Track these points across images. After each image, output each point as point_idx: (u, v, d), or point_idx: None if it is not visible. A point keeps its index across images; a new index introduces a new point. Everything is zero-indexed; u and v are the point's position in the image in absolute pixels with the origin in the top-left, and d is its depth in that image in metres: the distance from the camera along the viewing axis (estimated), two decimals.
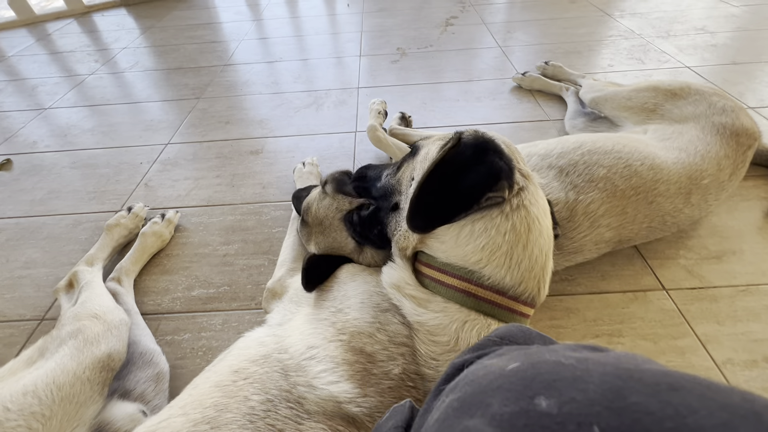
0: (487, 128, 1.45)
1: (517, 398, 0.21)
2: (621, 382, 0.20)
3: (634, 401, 0.19)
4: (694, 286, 0.90)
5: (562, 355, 0.23)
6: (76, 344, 0.69)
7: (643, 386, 0.19)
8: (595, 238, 0.82)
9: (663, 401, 0.18)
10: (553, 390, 0.20)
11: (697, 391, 0.19)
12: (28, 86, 1.99)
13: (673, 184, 0.85)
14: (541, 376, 0.22)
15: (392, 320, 0.58)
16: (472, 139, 0.57)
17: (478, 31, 2.24)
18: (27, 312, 0.96)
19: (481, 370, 0.25)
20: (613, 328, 0.84)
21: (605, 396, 0.19)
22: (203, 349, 0.86)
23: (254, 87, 1.85)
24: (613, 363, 0.22)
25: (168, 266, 1.04)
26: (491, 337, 0.32)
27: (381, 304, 0.60)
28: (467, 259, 0.56)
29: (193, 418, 0.53)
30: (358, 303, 0.61)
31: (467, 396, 0.24)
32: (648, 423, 0.18)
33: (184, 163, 1.40)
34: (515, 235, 0.54)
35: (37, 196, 1.30)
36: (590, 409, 0.19)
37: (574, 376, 0.21)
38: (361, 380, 0.52)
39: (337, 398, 0.51)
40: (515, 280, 0.55)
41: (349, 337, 0.56)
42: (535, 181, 0.60)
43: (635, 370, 0.21)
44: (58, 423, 0.57)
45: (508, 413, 0.20)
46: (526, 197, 0.56)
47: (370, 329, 0.57)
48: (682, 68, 1.74)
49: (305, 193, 1.01)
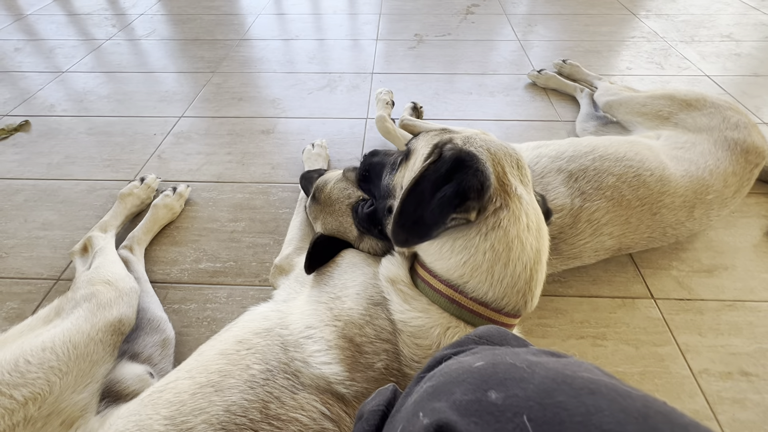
0: (497, 125, 1.46)
1: (474, 390, 0.27)
2: (555, 385, 0.25)
3: (559, 400, 0.24)
4: (682, 297, 0.93)
5: (520, 359, 0.28)
6: (90, 307, 0.74)
7: (570, 389, 0.25)
8: (596, 245, 0.85)
9: (580, 402, 0.24)
10: (503, 386, 0.26)
11: (609, 396, 0.24)
12: (46, 47, 2.01)
13: (679, 197, 0.87)
14: (497, 375, 0.27)
15: (380, 315, 0.60)
16: (452, 153, 0.57)
17: (498, 21, 2.21)
18: (44, 271, 1.01)
19: (454, 364, 0.30)
20: (598, 331, 0.87)
21: (539, 394, 0.25)
22: (208, 320, 0.91)
23: (269, 64, 1.85)
24: (556, 369, 0.27)
25: (177, 238, 1.09)
26: (471, 336, 0.36)
27: (374, 297, 0.62)
28: (451, 272, 0.57)
29: (198, 381, 0.58)
30: (354, 293, 0.64)
31: (439, 384, 0.29)
32: (563, 416, 0.23)
33: (196, 137, 1.43)
34: (494, 254, 0.54)
35: (54, 160, 1.34)
36: (525, 403, 0.24)
37: (522, 377, 0.26)
38: (350, 366, 0.56)
39: (328, 378, 0.55)
40: (498, 295, 0.55)
41: (343, 325, 0.60)
42: (522, 194, 0.57)
43: (570, 376, 0.26)
44: (73, 378, 0.62)
45: (465, 400, 0.26)
46: (505, 217, 0.55)
47: (360, 321, 0.59)
48: (702, 76, 1.71)
49: (316, 175, 1.04)
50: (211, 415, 0.53)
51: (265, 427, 0.52)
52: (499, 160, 0.58)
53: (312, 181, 1.02)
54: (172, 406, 0.55)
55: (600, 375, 0.27)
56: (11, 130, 1.46)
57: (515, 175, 0.59)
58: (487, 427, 0.23)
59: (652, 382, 0.80)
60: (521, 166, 0.61)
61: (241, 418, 0.53)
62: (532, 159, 0.91)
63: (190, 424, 0.53)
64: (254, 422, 0.52)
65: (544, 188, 0.85)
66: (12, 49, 1.99)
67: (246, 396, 0.54)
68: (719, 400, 0.77)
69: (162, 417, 0.54)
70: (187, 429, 0.52)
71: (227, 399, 0.54)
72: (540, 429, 0.22)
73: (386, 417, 0.33)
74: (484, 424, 0.24)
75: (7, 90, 1.69)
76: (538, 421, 0.23)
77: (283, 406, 0.54)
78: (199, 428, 0.52)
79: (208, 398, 0.55)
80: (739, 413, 0.75)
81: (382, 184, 0.71)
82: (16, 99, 1.63)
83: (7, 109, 1.57)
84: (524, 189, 0.59)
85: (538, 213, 0.60)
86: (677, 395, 0.78)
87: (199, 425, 0.52)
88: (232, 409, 0.53)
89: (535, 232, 0.57)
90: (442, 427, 0.24)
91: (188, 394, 0.56)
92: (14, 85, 1.73)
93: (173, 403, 0.56)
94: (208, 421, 0.53)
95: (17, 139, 1.43)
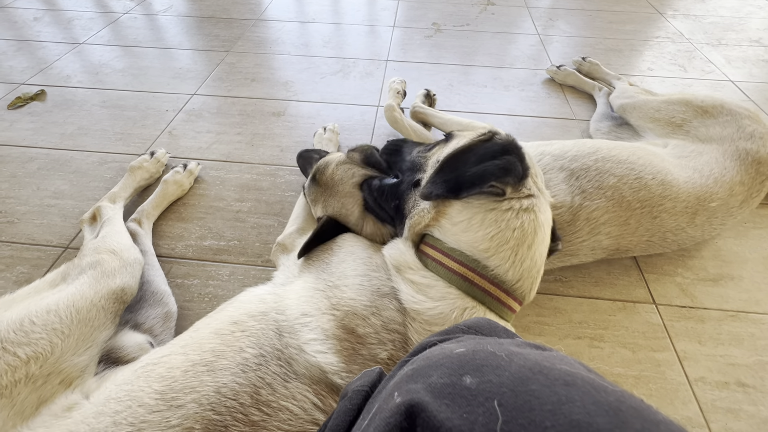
0: (510, 119, 1.44)
1: (450, 374, 0.27)
2: (530, 374, 0.25)
3: (531, 388, 0.24)
4: (685, 304, 0.92)
5: (501, 348, 0.28)
6: (95, 275, 0.76)
7: (545, 379, 0.25)
8: (593, 244, 0.84)
9: (553, 391, 0.24)
10: (479, 372, 0.26)
11: (584, 389, 0.24)
12: (64, 18, 2.02)
13: (680, 203, 0.85)
14: (474, 361, 0.27)
15: (389, 306, 0.60)
16: (504, 140, 0.63)
17: (519, 14, 2.16)
18: (54, 239, 1.03)
19: (437, 350, 0.30)
20: (596, 333, 0.87)
21: (513, 381, 0.25)
22: (209, 296, 0.93)
23: (283, 46, 1.84)
24: (535, 360, 0.27)
25: (184, 214, 1.10)
26: (460, 325, 0.36)
27: (381, 289, 0.62)
28: (476, 245, 0.59)
29: (191, 359, 0.58)
30: (356, 284, 0.63)
31: (418, 368, 0.30)
32: (534, 404, 0.23)
33: (207, 116, 1.44)
34: (522, 233, 0.58)
35: (67, 130, 1.36)
36: (498, 389, 0.24)
37: (499, 364, 0.27)
38: (347, 357, 0.56)
39: (323, 368, 0.55)
40: (515, 276, 0.58)
41: (342, 315, 0.59)
42: (547, 198, 0.64)
43: (547, 368, 0.26)
44: (74, 341, 0.64)
45: (440, 383, 0.26)
46: (536, 204, 0.61)
47: (365, 312, 0.59)
48: (725, 81, 1.66)
49: (316, 155, 1.03)
50: (201, 395, 0.53)
51: (254, 412, 0.52)
52: (533, 164, 0.65)
53: (311, 161, 1.01)
54: (164, 381, 0.56)
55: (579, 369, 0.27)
56: (27, 99, 1.48)
57: (542, 180, 0.66)
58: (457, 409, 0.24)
59: (647, 386, 0.79)
60: (542, 176, 0.68)
61: (231, 401, 0.53)
62: (535, 156, 0.91)
63: (180, 401, 0.53)
64: (244, 406, 0.52)
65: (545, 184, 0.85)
66: (31, 18, 2.00)
67: (237, 379, 0.55)
68: (713, 409, 0.76)
69: (153, 390, 0.55)
70: (177, 406, 0.53)
71: (218, 380, 0.54)
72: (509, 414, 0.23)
73: (369, 397, 0.33)
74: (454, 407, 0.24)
75: (25, 59, 1.71)
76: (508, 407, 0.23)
77: (274, 393, 0.54)
78: (189, 407, 0.52)
79: (199, 377, 0.55)
80: (732, 423, 0.75)
81: (411, 158, 0.74)
82: (33, 68, 1.65)
83: (24, 78, 1.59)
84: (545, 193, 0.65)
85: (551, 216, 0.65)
86: (670, 401, 0.78)
87: (189, 404, 0.53)
88: (222, 391, 0.53)
89: (548, 230, 0.62)
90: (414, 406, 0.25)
91: (180, 371, 0.56)
92: (32, 54, 1.74)
93: (165, 378, 0.56)
94: (198, 400, 0.53)
95: (33, 108, 1.45)
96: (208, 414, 0.52)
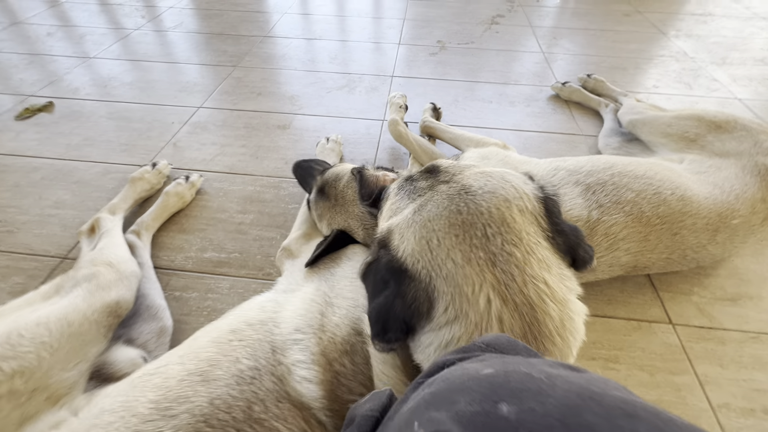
0: (516, 135, 1.43)
1: (482, 400, 0.22)
2: (580, 401, 0.21)
3: (586, 420, 0.20)
4: (703, 325, 0.88)
5: (536, 369, 0.24)
6: (89, 287, 0.73)
7: (601, 408, 0.20)
8: (611, 260, 0.81)
9: (614, 425, 0.19)
10: (517, 398, 0.21)
11: (650, 422, 0.20)
12: (77, 34, 2.06)
13: (701, 219, 0.82)
14: (509, 384, 0.23)
15: (359, 351, 0.54)
16: (385, 262, 0.48)
17: (523, 33, 2.18)
18: (52, 249, 1.01)
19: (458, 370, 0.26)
20: (610, 354, 0.83)
21: (561, 411, 0.20)
22: (208, 310, 0.90)
23: (290, 62, 1.86)
24: (580, 384, 0.22)
25: (185, 226, 1.08)
26: (477, 342, 0.33)
27: (359, 322, 0.56)
28: None
29: (188, 368, 0.56)
30: (344, 308, 0.59)
31: (439, 392, 0.25)
32: None
33: (213, 128, 1.44)
34: None
35: (73, 141, 1.36)
36: (544, 420, 0.20)
37: (539, 388, 0.22)
38: (328, 391, 0.52)
39: (308, 403, 0.52)
40: None
41: (326, 341, 0.55)
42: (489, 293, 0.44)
43: (599, 393, 0.21)
44: (64, 355, 0.61)
45: (470, 412, 0.22)
46: (462, 336, 0.43)
47: (341, 347, 0.54)
48: (732, 99, 1.65)
49: (318, 167, 0.99)
50: (194, 405, 0.51)
51: (246, 429, 0.50)
52: (454, 245, 0.45)
53: (312, 172, 0.97)
54: (159, 390, 0.54)
55: (633, 396, 0.23)
56: (35, 110, 1.49)
57: (483, 260, 0.44)
58: None
59: None
60: (498, 232, 0.46)
61: (224, 414, 0.50)
62: (549, 171, 0.89)
63: (173, 411, 0.51)
64: (237, 421, 0.50)
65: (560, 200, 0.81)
66: (45, 34, 2.05)
67: (231, 392, 0.52)
68: None
69: (148, 400, 0.53)
70: (170, 416, 0.51)
71: (213, 391, 0.52)
72: None
73: (379, 424, 0.30)
74: None
75: (36, 72, 1.73)
76: None
77: (267, 411, 0.51)
78: (182, 417, 0.50)
79: (194, 387, 0.53)
80: None
81: None
82: (43, 81, 1.67)
83: (33, 90, 1.61)
84: (497, 277, 0.44)
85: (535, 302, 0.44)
86: None
87: (182, 414, 0.50)
88: (215, 403, 0.51)
89: (523, 340, 0.42)
90: None
91: (176, 380, 0.54)
92: (43, 67, 1.77)
93: (160, 388, 0.54)
94: (191, 411, 0.51)
95: (40, 119, 1.46)
96: (201, 426, 0.49)
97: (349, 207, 0.78)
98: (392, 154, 1.34)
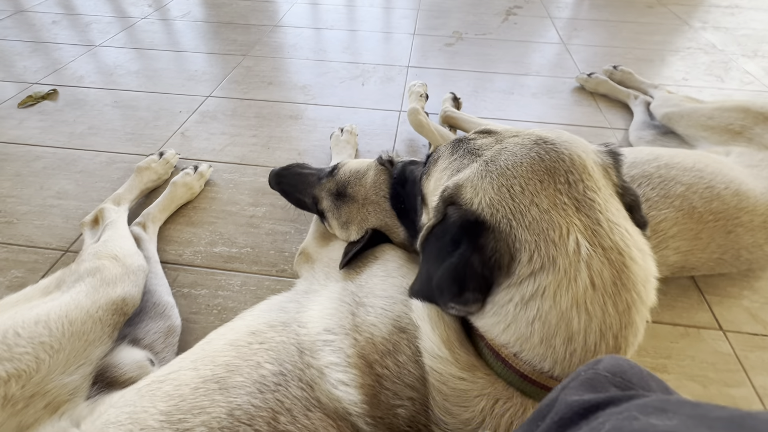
0: (539, 127, 1.36)
1: None
2: None
3: None
4: (757, 332, 0.80)
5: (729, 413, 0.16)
6: (93, 283, 0.67)
7: None
8: (659, 260, 0.73)
9: None
10: None
11: None
12: (82, 22, 2.01)
13: (759, 216, 0.75)
14: None
15: (405, 349, 0.48)
16: (456, 217, 0.44)
17: (541, 24, 2.10)
18: (53, 241, 0.95)
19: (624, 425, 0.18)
20: (657, 362, 0.76)
21: None
22: (218, 308, 0.84)
23: (301, 51, 1.79)
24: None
25: (194, 219, 1.02)
26: (600, 371, 0.25)
27: (401, 318, 0.51)
28: (498, 336, 0.44)
29: (202, 374, 0.50)
30: (380, 307, 0.53)
31: None
32: None
33: (222, 117, 1.37)
34: (545, 327, 0.40)
35: (77, 130, 1.30)
36: None
37: None
38: (370, 397, 0.46)
39: (346, 407, 0.46)
40: (569, 370, 0.41)
41: (363, 342, 0.50)
42: (580, 238, 0.41)
43: None
44: (65, 357, 0.55)
45: None
46: (551, 283, 0.40)
47: (382, 347, 0.49)
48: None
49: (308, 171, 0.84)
50: (211, 417, 0.45)
51: None
52: (539, 191, 0.43)
53: (305, 178, 0.83)
54: (171, 400, 0.48)
55: None
56: (38, 98, 1.43)
57: (568, 205, 0.42)
58: None
59: None
60: (580, 179, 0.44)
61: (246, 427, 0.44)
62: None
63: (188, 423, 0.45)
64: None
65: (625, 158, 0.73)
66: (50, 22, 1.99)
67: (253, 400, 0.46)
68: None
69: (158, 411, 0.47)
70: (184, 429, 0.45)
71: (232, 400, 0.46)
72: None
73: None
74: None
75: (40, 59, 1.68)
76: None
77: (295, 423, 0.45)
78: (198, 430, 0.44)
79: (210, 396, 0.47)
80: None
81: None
82: (48, 68, 1.61)
83: (37, 78, 1.55)
84: (583, 222, 0.42)
85: (622, 248, 0.41)
86: None
87: (198, 427, 0.44)
88: (236, 414, 0.45)
89: (612, 287, 0.40)
90: None
91: (190, 388, 0.48)
92: (47, 55, 1.71)
93: (172, 397, 0.48)
94: (207, 423, 0.45)
95: (43, 107, 1.40)
96: None
97: (383, 203, 0.71)
98: (410, 146, 1.28)
